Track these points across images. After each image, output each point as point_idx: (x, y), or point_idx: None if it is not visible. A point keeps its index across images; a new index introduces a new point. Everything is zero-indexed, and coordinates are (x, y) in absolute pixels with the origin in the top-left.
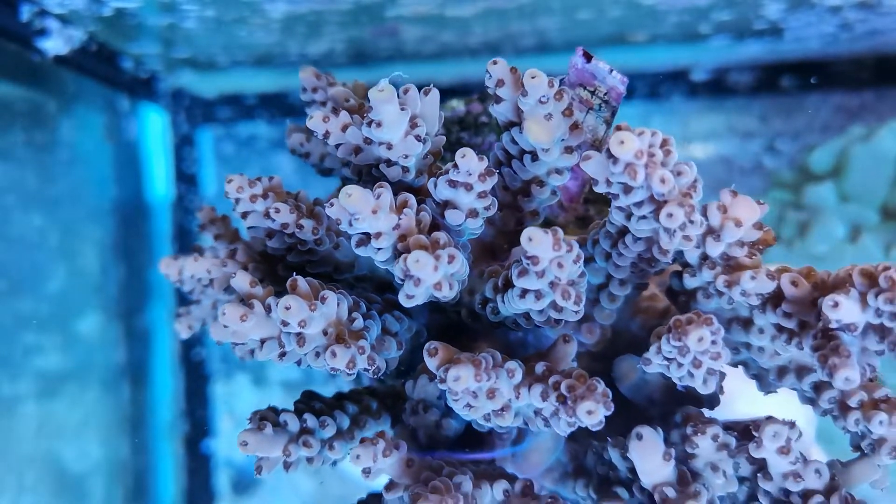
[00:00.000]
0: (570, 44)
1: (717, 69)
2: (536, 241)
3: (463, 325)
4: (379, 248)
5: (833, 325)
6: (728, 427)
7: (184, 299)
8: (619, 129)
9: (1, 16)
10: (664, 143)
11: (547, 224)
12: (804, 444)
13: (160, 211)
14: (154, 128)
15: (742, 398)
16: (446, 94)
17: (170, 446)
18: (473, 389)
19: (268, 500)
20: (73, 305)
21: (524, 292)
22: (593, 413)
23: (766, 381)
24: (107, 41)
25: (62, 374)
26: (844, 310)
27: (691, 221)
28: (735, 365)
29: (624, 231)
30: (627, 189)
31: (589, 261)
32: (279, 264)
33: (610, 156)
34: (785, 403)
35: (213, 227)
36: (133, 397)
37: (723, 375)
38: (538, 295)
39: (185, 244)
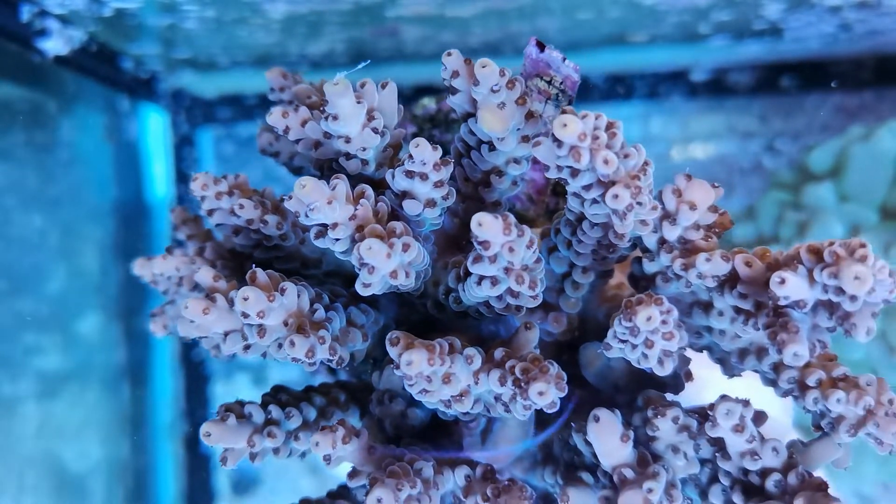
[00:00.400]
0: (570, 44)
1: (716, 69)
2: (486, 225)
3: (434, 320)
4: (336, 239)
5: (782, 303)
6: (691, 412)
7: None
8: (563, 112)
9: (1, 16)
10: (609, 125)
11: (518, 218)
12: (780, 431)
13: (160, 211)
14: (154, 128)
15: (711, 387)
16: (434, 93)
17: (170, 446)
18: (427, 374)
19: (268, 500)
20: (73, 305)
21: (480, 279)
22: (544, 394)
23: (729, 364)
24: (107, 41)
25: (62, 374)
26: (791, 286)
27: (639, 203)
28: (700, 350)
29: (582, 218)
30: (574, 172)
31: (553, 250)
32: (247, 261)
33: (555, 139)
34: (757, 392)
35: (185, 228)
36: (133, 397)
37: (687, 360)
38: (493, 281)
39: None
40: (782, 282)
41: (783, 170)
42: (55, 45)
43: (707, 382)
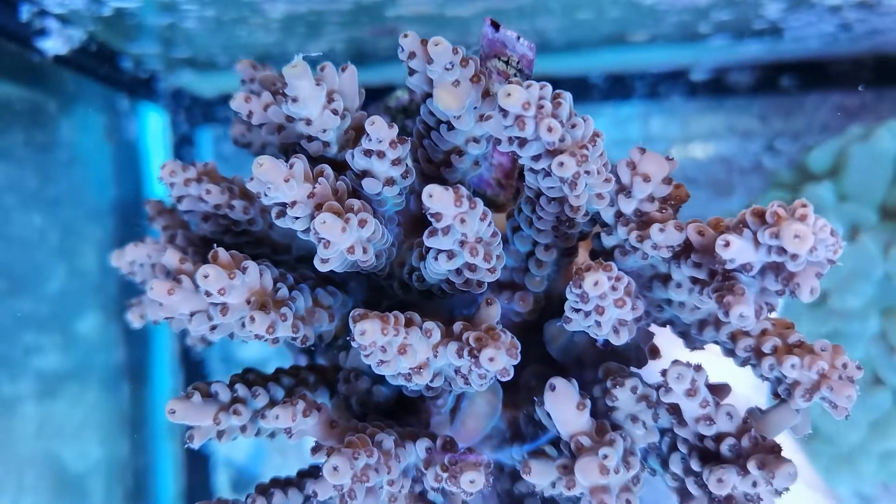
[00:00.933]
0: (570, 44)
1: (716, 69)
2: (436, 196)
3: (406, 305)
4: (296, 218)
5: (729, 266)
6: (652, 385)
7: None
8: (508, 83)
9: (1, 16)
10: (556, 96)
11: (489, 203)
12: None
13: None
14: (154, 127)
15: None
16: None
17: (170, 446)
18: (381, 344)
19: None
20: (72, 305)
21: (437, 253)
22: (494, 360)
23: (690, 336)
24: (106, 41)
25: (62, 374)
26: (735, 248)
27: (587, 172)
28: (663, 324)
29: (540, 193)
30: (522, 142)
31: (516, 230)
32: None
33: (501, 110)
34: (729, 371)
35: (161, 219)
36: (133, 397)
37: (650, 335)
38: (450, 255)
39: None
40: (727, 244)
41: (783, 170)
42: (55, 44)
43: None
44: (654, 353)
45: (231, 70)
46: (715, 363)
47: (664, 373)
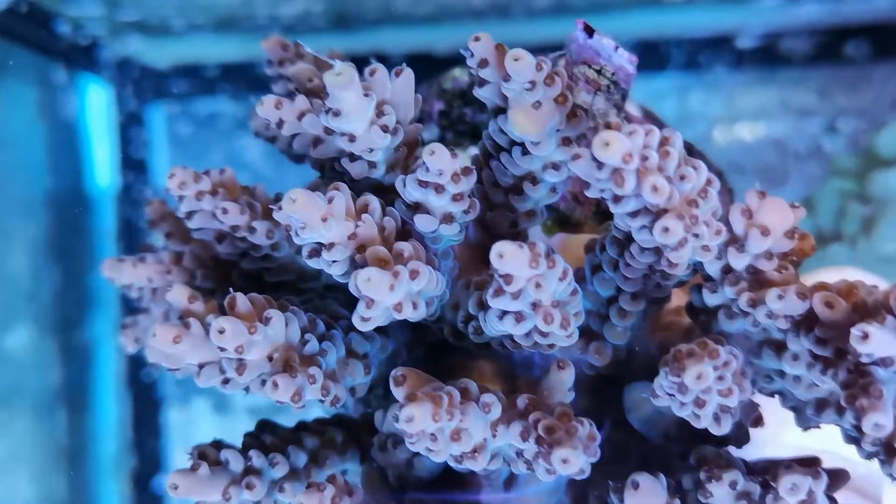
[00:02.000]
0: (592, 5)
1: (767, 34)
2: (508, 257)
3: (455, 347)
4: (333, 261)
5: (865, 360)
6: (754, 471)
7: (131, 308)
8: (607, 126)
9: None
10: (663, 142)
11: (563, 219)
12: (870, 487)
13: (103, 204)
14: (96, 104)
15: (791, 427)
16: (447, 63)
17: (114, 484)
18: (432, 431)
19: None
20: None
21: (502, 314)
22: (569, 462)
23: (804, 415)
24: (39, 1)
25: None
26: (876, 342)
27: (696, 235)
28: (770, 395)
29: (630, 238)
30: (617, 198)
31: (597, 269)
32: (234, 270)
33: (593, 159)
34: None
35: (163, 224)
36: (71, 426)
37: (754, 406)
38: (518, 317)
39: (133, 243)
40: (865, 336)
41: (846, 154)
42: None
43: (783, 424)
44: (757, 421)
45: (188, 36)
46: None
47: (774, 477)
